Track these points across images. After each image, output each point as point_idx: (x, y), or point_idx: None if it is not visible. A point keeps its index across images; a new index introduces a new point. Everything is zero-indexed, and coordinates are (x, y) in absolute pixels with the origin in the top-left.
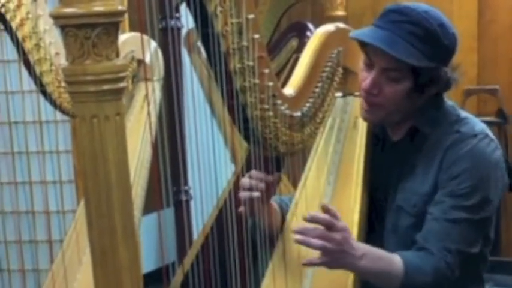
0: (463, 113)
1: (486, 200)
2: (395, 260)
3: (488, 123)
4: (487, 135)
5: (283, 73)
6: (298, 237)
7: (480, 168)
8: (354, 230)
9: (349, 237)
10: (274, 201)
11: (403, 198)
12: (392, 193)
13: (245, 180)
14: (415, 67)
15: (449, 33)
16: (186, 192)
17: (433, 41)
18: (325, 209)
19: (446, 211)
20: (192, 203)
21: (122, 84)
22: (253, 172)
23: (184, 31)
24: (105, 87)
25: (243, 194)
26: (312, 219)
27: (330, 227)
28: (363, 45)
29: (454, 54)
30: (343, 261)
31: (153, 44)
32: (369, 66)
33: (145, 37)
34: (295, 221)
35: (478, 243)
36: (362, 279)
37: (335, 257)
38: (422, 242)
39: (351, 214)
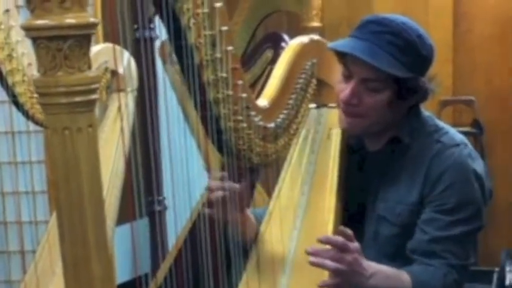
0: (440, 123)
1: (477, 209)
2: (403, 278)
3: (464, 134)
4: (466, 145)
5: (259, 84)
6: (313, 259)
7: (466, 179)
8: None
9: (361, 258)
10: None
11: (385, 208)
12: (372, 203)
13: (214, 182)
14: (394, 77)
15: (427, 44)
16: (160, 202)
17: (412, 52)
18: (341, 232)
19: (444, 228)
20: (166, 213)
21: (94, 96)
22: (223, 174)
23: (158, 42)
24: (77, 98)
25: (212, 195)
26: (326, 241)
27: (343, 249)
28: (341, 56)
29: (431, 64)
30: (353, 280)
31: (127, 54)
32: (348, 77)
33: (119, 48)
34: (269, 231)
35: (475, 253)
36: None
37: (347, 278)
38: (426, 260)
39: (325, 224)
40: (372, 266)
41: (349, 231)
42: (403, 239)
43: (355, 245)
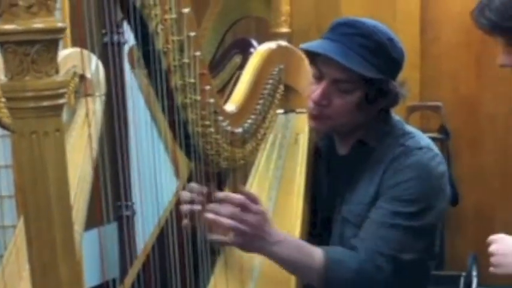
0: (410, 128)
1: (426, 209)
2: (315, 252)
3: (432, 139)
4: (431, 149)
5: (227, 89)
6: (210, 215)
7: (423, 179)
8: None
9: (265, 222)
10: None
11: (348, 210)
12: (339, 206)
13: (185, 194)
14: (365, 79)
15: (398, 48)
16: (129, 207)
17: (383, 54)
18: (244, 192)
19: (386, 215)
20: (135, 218)
21: (61, 101)
22: (193, 185)
23: (127, 46)
24: (45, 103)
25: (184, 208)
26: (225, 198)
27: (244, 208)
28: (313, 57)
29: (401, 68)
30: (256, 244)
31: (95, 59)
32: (319, 78)
33: (87, 52)
34: None
35: (414, 250)
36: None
37: (247, 239)
38: (356, 242)
39: (292, 229)
40: (279, 234)
41: (252, 193)
42: None
43: (258, 207)
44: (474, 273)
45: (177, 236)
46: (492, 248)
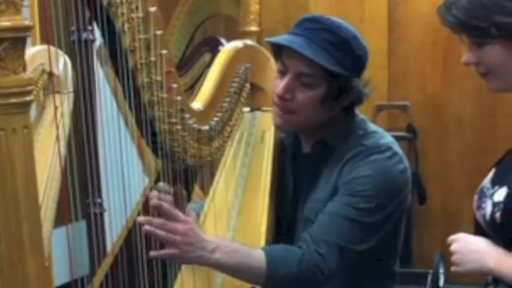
0: (372, 127)
1: (380, 206)
2: (255, 253)
3: (399, 138)
4: (390, 148)
5: (197, 87)
6: (147, 227)
7: (379, 177)
8: (262, 241)
9: (196, 229)
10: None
11: (308, 208)
12: (302, 204)
13: (153, 194)
14: (328, 74)
15: (362, 45)
16: (98, 204)
17: (347, 50)
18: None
19: (338, 207)
20: (105, 215)
21: (29, 98)
22: (161, 185)
23: (97, 44)
24: (12, 100)
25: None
26: (156, 207)
27: (173, 218)
28: (278, 52)
29: (365, 66)
30: (194, 254)
31: (63, 56)
32: (283, 73)
33: (55, 50)
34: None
35: (364, 243)
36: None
37: (183, 249)
38: (304, 233)
39: (258, 226)
40: (215, 241)
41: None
42: None
43: (186, 217)
44: (441, 270)
45: (146, 234)
46: (453, 247)
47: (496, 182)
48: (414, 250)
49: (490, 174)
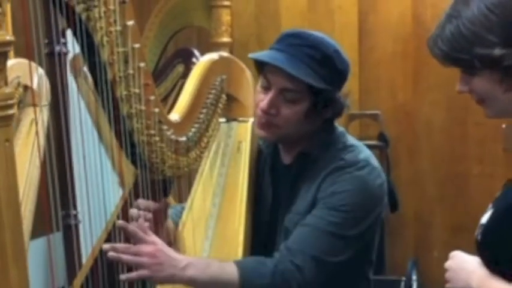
0: (351, 141)
1: (357, 220)
2: (228, 266)
3: (371, 147)
4: (369, 163)
5: (170, 98)
6: (111, 253)
7: (358, 192)
8: (239, 250)
9: (165, 249)
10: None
11: (289, 219)
12: (282, 215)
13: (133, 211)
14: (312, 89)
15: (343, 59)
16: (74, 216)
17: (329, 65)
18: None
19: (315, 219)
20: (80, 227)
21: (10, 111)
22: (140, 201)
23: (70, 56)
24: None
25: (133, 225)
26: (121, 228)
27: (138, 240)
28: (261, 67)
29: (346, 79)
30: (166, 273)
31: (39, 69)
32: (266, 88)
33: (31, 63)
34: (183, 241)
35: (341, 255)
36: None
37: (154, 269)
38: (280, 245)
39: (236, 235)
40: (185, 258)
41: (142, 223)
42: None
43: (152, 237)
44: (414, 277)
45: (124, 241)
46: (447, 264)
47: (493, 205)
48: (387, 257)
49: (496, 194)
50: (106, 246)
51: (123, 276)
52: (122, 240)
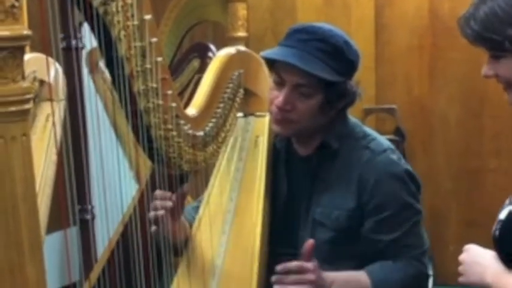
0: (367, 130)
1: (411, 204)
2: (362, 279)
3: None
4: (394, 150)
5: (186, 93)
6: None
7: (400, 184)
8: (257, 245)
9: (320, 272)
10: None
11: (321, 213)
12: (306, 207)
13: (154, 202)
14: (325, 82)
15: (353, 49)
16: (89, 211)
17: (340, 57)
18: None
19: (392, 231)
20: (95, 221)
21: (27, 106)
22: (159, 192)
23: (85, 51)
24: (12, 108)
25: (151, 214)
26: (283, 270)
27: (301, 271)
28: (272, 64)
29: (357, 68)
30: None
31: (55, 64)
32: (280, 84)
33: (48, 57)
34: (199, 236)
35: (424, 237)
36: None
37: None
38: (387, 259)
39: (253, 230)
40: (330, 275)
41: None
42: (341, 242)
43: (310, 264)
44: (430, 272)
45: (141, 238)
46: (461, 257)
47: (510, 200)
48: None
49: None
50: (274, 278)
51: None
52: (139, 232)
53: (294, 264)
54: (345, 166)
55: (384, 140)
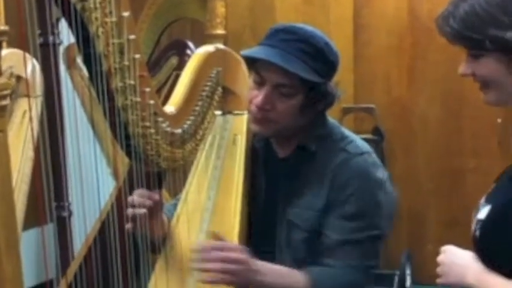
0: (346, 132)
1: (379, 215)
2: (299, 277)
3: (366, 141)
4: (371, 154)
5: (164, 90)
6: (209, 265)
7: (369, 188)
8: (235, 242)
9: (247, 256)
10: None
11: (294, 213)
12: (282, 208)
13: (131, 198)
14: (306, 82)
15: (333, 51)
16: (66, 207)
17: (321, 58)
18: (214, 235)
19: (346, 233)
20: (72, 218)
21: (4, 102)
22: (138, 190)
23: (62, 47)
24: None
25: (129, 211)
26: (204, 249)
27: (223, 249)
28: (252, 63)
29: (337, 70)
30: (247, 277)
31: (32, 60)
32: (260, 84)
33: (24, 53)
34: (177, 234)
35: (376, 256)
36: None
37: (240, 275)
38: (330, 261)
39: (231, 228)
40: (263, 265)
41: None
42: (314, 243)
43: (234, 244)
44: (408, 271)
45: (118, 235)
46: (439, 258)
47: (488, 200)
48: (381, 252)
49: (489, 190)
50: (195, 259)
51: (208, 278)
52: (116, 230)
53: (218, 242)
54: (320, 168)
55: (362, 143)
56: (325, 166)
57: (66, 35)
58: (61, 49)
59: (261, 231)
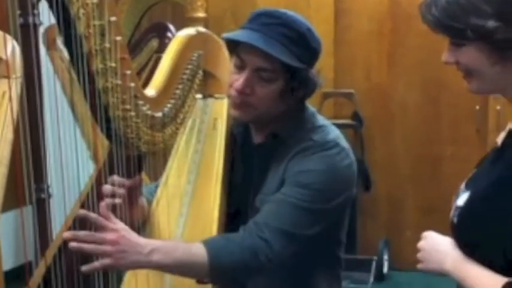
0: (321, 121)
1: (326, 198)
2: (195, 247)
3: (345, 126)
4: (337, 144)
5: (144, 73)
6: (73, 244)
7: (327, 173)
8: (214, 227)
9: (128, 235)
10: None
11: (258, 200)
12: (252, 193)
13: (107, 187)
14: (287, 68)
15: (315, 37)
16: (46, 190)
17: (303, 43)
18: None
19: (283, 196)
20: (52, 200)
21: None
22: (115, 178)
23: (42, 28)
24: None
25: (106, 201)
26: (82, 220)
27: (101, 228)
28: (234, 47)
29: (319, 57)
30: (131, 260)
31: (11, 40)
32: (240, 68)
33: (3, 34)
34: (157, 218)
35: (307, 229)
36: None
37: (118, 257)
38: (249, 221)
39: (210, 212)
40: (152, 243)
41: (97, 216)
42: None
43: (116, 224)
44: (385, 257)
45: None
46: (420, 244)
47: (468, 186)
48: (359, 237)
49: (469, 175)
50: (67, 234)
51: (85, 267)
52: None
53: (92, 216)
54: (283, 154)
55: (333, 133)
56: (287, 152)
57: (46, 16)
58: (41, 30)
59: (236, 217)
